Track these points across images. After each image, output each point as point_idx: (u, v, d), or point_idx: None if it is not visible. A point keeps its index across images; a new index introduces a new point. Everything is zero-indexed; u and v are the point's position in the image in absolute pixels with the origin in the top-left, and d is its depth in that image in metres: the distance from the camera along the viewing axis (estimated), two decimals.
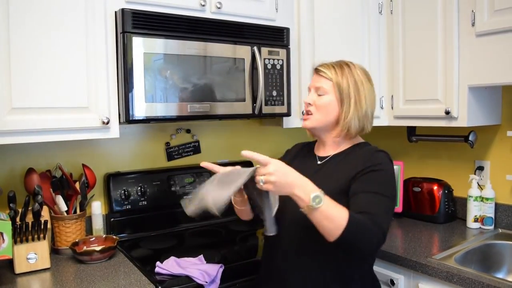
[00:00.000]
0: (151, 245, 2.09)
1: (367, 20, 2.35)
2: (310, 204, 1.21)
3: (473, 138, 2.24)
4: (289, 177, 1.26)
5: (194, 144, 2.47)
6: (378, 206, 1.32)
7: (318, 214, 1.22)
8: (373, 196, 1.34)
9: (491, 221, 2.16)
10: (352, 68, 1.52)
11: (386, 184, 1.39)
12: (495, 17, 1.85)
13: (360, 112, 1.49)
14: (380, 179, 1.38)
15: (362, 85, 1.50)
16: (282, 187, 1.25)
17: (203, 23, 1.93)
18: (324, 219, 1.23)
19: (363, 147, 1.52)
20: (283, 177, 1.24)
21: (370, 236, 1.26)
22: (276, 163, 1.27)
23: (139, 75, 1.77)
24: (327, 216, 1.22)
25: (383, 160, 1.42)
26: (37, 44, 1.62)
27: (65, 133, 1.71)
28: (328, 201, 1.24)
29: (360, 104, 1.49)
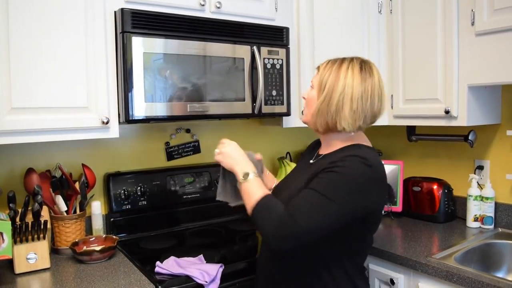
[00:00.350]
0: (151, 245, 2.09)
1: (366, 19, 2.35)
2: (240, 178, 1.44)
3: (473, 137, 2.24)
4: (234, 154, 1.52)
5: (194, 143, 2.47)
6: (307, 202, 1.26)
7: (243, 188, 1.42)
8: (310, 193, 1.28)
9: (491, 221, 2.16)
10: (344, 62, 1.41)
11: (335, 186, 1.27)
12: (495, 17, 1.84)
13: (328, 108, 1.38)
14: (329, 180, 1.28)
15: (344, 79, 1.37)
16: (226, 160, 1.52)
17: (202, 23, 1.93)
18: (244, 194, 1.41)
19: (350, 149, 1.40)
20: (230, 152, 1.53)
21: (272, 225, 1.27)
22: (231, 143, 1.57)
23: (138, 75, 1.77)
24: (247, 192, 1.40)
25: (348, 164, 1.30)
26: (36, 44, 1.62)
27: (65, 133, 1.71)
28: (255, 182, 1.41)
29: (330, 99, 1.37)
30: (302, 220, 1.24)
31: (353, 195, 1.28)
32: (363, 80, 1.37)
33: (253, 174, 1.42)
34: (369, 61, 1.45)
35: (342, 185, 1.27)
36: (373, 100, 1.38)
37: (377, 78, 1.41)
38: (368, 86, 1.37)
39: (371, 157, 1.34)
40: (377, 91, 1.40)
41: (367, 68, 1.40)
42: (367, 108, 1.38)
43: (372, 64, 1.44)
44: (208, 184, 2.38)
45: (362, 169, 1.29)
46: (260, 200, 1.34)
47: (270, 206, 1.32)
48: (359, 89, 1.36)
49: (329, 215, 1.26)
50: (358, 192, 1.28)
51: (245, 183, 1.41)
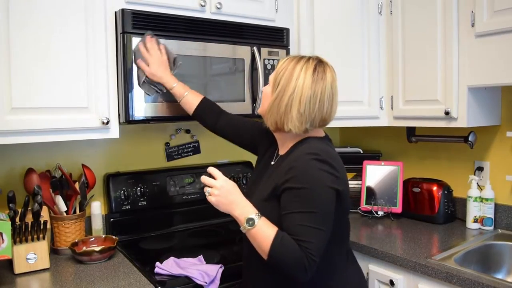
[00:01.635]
0: (150, 245, 2.09)
1: (366, 20, 2.35)
2: (244, 225, 1.32)
3: (472, 138, 2.24)
4: (230, 196, 1.36)
5: (194, 144, 2.47)
6: (303, 227, 1.27)
7: (250, 235, 1.33)
8: (297, 217, 1.29)
9: (491, 222, 2.16)
10: (300, 62, 1.39)
11: (306, 200, 1.29)
12: (495, 18, 1.85)
13: (278, 108, 1.38)
14: (298, 197, 1.30)
15: (296, 80, 1.35)
16: (222, 204, 1.36)
17: (203, 24, 1.94)
18: (254, 242, 1.33)
19: (298, 147, 1.41)
20: (225, 194, 1.35)
21: (295, 263, 1.26)
22: (224, 181, 1.37)
23: None
24: (255, 240, 1.32)
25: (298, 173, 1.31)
26: (37, 44, 1.62)
27: (65, 133, 1.72)
28: (261, 224, 1.31)
29: (281, 99, 1.37)
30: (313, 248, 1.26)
31: (321, 194, 1.30)
32: (314, 82, 1.36)
33: (257, 217, 1.32)
34: (326, 63, 1.43)
35: (313, 195, 1.29)
36: (322, 104, 1.37)
37: (329, 81, 1.38)
38: (318, 89, 1.36)
39: (319, 151, 1.34)
40: (328, 95, 1.38)
41: (321, 70, 1.38)
42: (315, 112, 1.37)
43: (328, 66, 1.42)
44: None
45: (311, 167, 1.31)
46: (273, 244, 1.28)
47: (285, 249, 1.27)
48: (309, 92, 1.35)
49: (324, 226, 1.30)
50: (326, 191, 1.31)
51: (252, 230, 1.31)
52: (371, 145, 2.83)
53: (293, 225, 1.29)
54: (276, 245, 1.27)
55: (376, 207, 2.43)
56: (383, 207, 2.43)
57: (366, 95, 2.39)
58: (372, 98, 2.39)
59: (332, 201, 1.33)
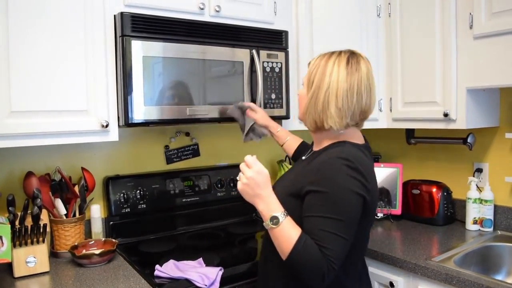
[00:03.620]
0: (150, 248, 2.09)
1: (365, 23, 2.36)
2: (267, 222, 1.28)
3: (471, 140, 2.25)
4: (257, 189, 1.30)
5: (193, 147, 2.47)
6: (327, 232, 1.23)
7: (273, 233, 1.28)
8: (320, 221, 1.24)
9: (490, 223, 2.16)
10: (332, 56, 1.35)
11: (333, 205, 1.24)
12: (493, 20, 1.85)
13: (315, 107, 1.34)
14: (323, 201, 1.25)
15: (330, 75, 1.32)
16: (247, 193, 1.31)
17: (202, 27, 1.94)
18: (276, 241, 1.28)
19: (331, 149, 1.36)
20: (253, 185, 1.30)
21: (314, 269, 1.22)
22: (256, 172, 1.30)
23: (138, 79, 1.78)
24: (277, 239, 1.27)
25: (325, 175, 1.27)
26: (36, 48, 1.62)
27: (64, 137, 1.72)
28: (285, 224, 1.26)
29: (317, 97, 1.33)
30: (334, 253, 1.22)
31: (351, 200, 1.26)
32: (349, 75, 1.32)
33: (282, 216, 1.27)
34: (358, 54, 1.38)
35: (338, 200, 1.25)
36: (360, 96, 1.33)
37: (365, 72, 1.34)
38: (354, 81, 1.32)
39: (352, 157, 1.28)
40: (365, 86, 1.33)
41: (354, 61, 1.34)
42: (354, 105, 1.33)
43: (361, 57, 1.37)
44: (208, 188, 2.39)
45: (346, 175, 1.25)
46: (295, 246, 1.23)
47: (306, 253, 1.22)
48: (344, 85, 1.31)
49: (347, 233, 1.25)
50: (353, 198, 1.26)
51: (276, 229, 1.27)
52: (370, 147, 2.83)
53: (316, 229, 1.24)
54: (299, 248, 1.22)
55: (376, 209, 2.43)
56: (382, 209, 2.43)
57: None
58: None
59: (358, 208, 1.27)
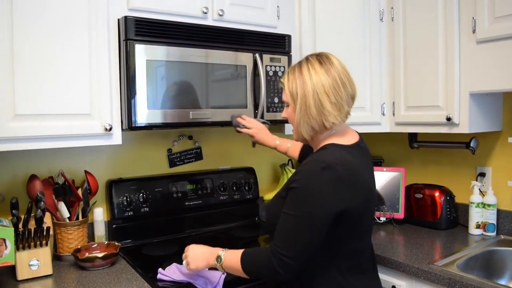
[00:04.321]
0: (153, 251, 2.09)
1: (368, 27, 2.36)
2: (217, 265, 1.47)
3: (474, 144, 2.24)
4: (197, 252, 1.55)
5: (196, 150, 2.47)
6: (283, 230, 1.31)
7: (226, 268, 1.46)
8: (282, 219, 1.32)
9: (493, 228, 2.16)
10: (303, 64, 1.40)
11: (296, 202, 1.29)
12: (496, 24, 1.85)
13: (308, 114, 1.37)
14: (290, 198, 1.31)
15: (310, 79, 1.36)
16: (196, 262, 1.53)
17: (205, 31, 1.95)
18: (231, 270, 1.45)
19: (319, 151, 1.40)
20: (193, 254, 1.56)
21: (266, 269, 1.33)
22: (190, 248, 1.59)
23: (141, 82, 1.79)
24: (231, 267, 1.44)
25: (303, 175, 1.30)
26: (40, 51, 1.63)
27: (68, 140, 1.72)
28: (228, 254, 1.45)
29: (306, 105, 1.37)
30: (286, 249, 1.29)
31: (313, 203, 1.27)
32: (327, 71, 1.36)
33: (222, 252, 1.47)
34: (324, 52, 1.43)
35: (301, 198, 1.29)
36: (344, 85, 1.37)
37: (338, 64, 1.39)
38: (334, 75, 1.36)
39: (329, 159, 1.30)
40: (344, 75, 1.38)
41: (325, 59, 1.39)
42: (343, 94, 1.37)
43: (328, 54, 1.43)
44: (210, 191, 2.39)
45: (315, 175, 1.28)
46: (242, 261, 1.39)
47: (253, 257, 1.40)
48: (328, 81, 1.35)
49: (304, 232, 1.28)
50: (316, 199, 1.27)
51: (223, 264, 1.45)
52: (373, 151, 2.82)
53: (278, 228, 1.33)
54: (244, 259, 1.40)
55: (379, 213, 2.43)
56: (385, 213, 2.43)
57: (368, 101, 2.39)
58: (374, 104, 2.39)
59: (323, 209, 1.27)
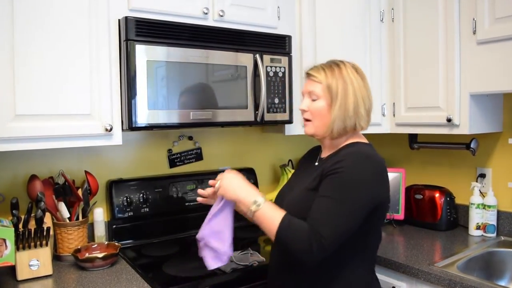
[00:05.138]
0: (153, 252, 2.09)
1: (368, 28, 2.36)
2: (251, 208, 1.37)
3: (474, 145, 2.24)
4: (234, 181, 1.45)
5: (196, 151, 2.47)
6: (323, 211, 1.31)
7: (257, 217, 1.37)
8: (323, 201, 1.32)
9: (493, 229, 2.16)
10: (342, 67, 1.48)
11: (341, 187, 1.32)
12: (496, 25, 1.86)
13: (346, 113, 1.44)
14: (335, 183, 1.33)
15: (351, 84, 1.45)
16: (227, 190, 1.44)
17: (205, 31, 1.95)
18: (261, 223, 1.37)
19: (349, 147, 1.46)
20: (228, 181, 1.45)
21: (301, 243, 1.28)
22: (228, 173, 1.48)
23: (142, 83, 1.79)
24: (262, 221, 1.36)
25: (347, 163, 1.35)
26: (41, 51, 1.63)
27: (68, 140, 1.72)
28: (267, 206, 1.37)
29: (346, 105, 1.44)
30: (326, 231, 1.27)
31: (359, 191, 1.33)
32: (363, 81, 1.49)
33: (262, 199, 1.38)
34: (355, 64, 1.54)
35: (347, 184, 1.32)
36: (371, 98, 1.51)
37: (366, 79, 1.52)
38: (367, 85, 1.50)
39: (368, 151, 1.41)
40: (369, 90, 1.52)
41: (359, 70, 1.50)
42: (371, 105, 1.51)
43: (358, 66, 1.54)
44: None
45: (361, 164, 1.36)
46: (282, 223, 1.32)
47: (294, 227, 1.31)
48: (365, 90, 1.48)
49: (346, 217, 1.31)
50: (362, 187, 1.33)
51: (259, 211, 1.36)
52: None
53: (317, 208, 1.32)
54: (285, 221, 1.31)
55: None
56: None
57: None
58: (374, 105, 2.38)
59: (365, 201, 1.34)
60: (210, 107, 1.96)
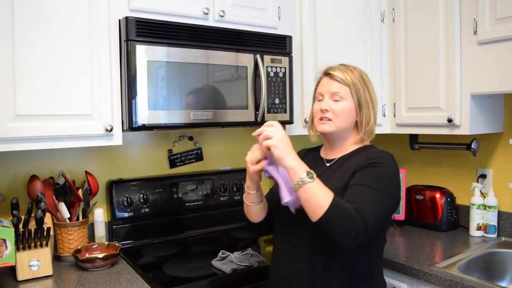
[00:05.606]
0: (153, 252, 2.09)
1: (369, 28, 2.36)
2: (302, 177, 1.27)
3: (475, 146, 2.24)
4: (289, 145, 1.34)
5: (197, 151, 2.47)
6: (365, 197, 1.32)
7: (307, 190, 1.28)
8: (363, 188, 1.34)
9: (494, 229, 2.15)
10: (358, 72, 1.54)
11: (380, 179, 1.37)
12: (497, 26, 1.85)
13: (369, 114, 1.52)
14: (375, 174, 1.38)
15: (372, 89, 1.54)
16: (283, 146, 1.31)
17: (206, 31, 1.95)
18: (311, 197, 1.27)
19: (369, 149, 1.52)
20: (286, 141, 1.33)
21: (350, 222, 1.25)
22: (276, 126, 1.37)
23: (142, 83, 1.79)
24: (314, 194, 1.27)
25: (384, 159, 1.43)
26: (41, 52, 1.63)
27: (69, 140, 1.72)
28: (318, 182, 1.30)
29: (375, 108, 1.54)
30: (370, 216, 1.28)
31: (393, 186, 1.42)
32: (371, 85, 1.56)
33: (314, 174, 1.30)
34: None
35: (386, 178, 1.40)
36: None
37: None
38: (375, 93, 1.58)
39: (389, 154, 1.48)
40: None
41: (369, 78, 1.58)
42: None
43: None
44: (211, 192, 2.39)
45: (393, 164, 1.45)
46: (334, 201, 1.26)
47: (341, 206, 1.27)
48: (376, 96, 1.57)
49: (385, 207, 1.38)
50: (395, 184, 1.43)
51: (312, 183, 1.28)
52: None
53: (358, 194, 1.33)
54: (336, 202, 1.26)
55: None
56: None
57: None
58: None
59: (396, 196, 1.44)
60: (211, 108, 1.96)
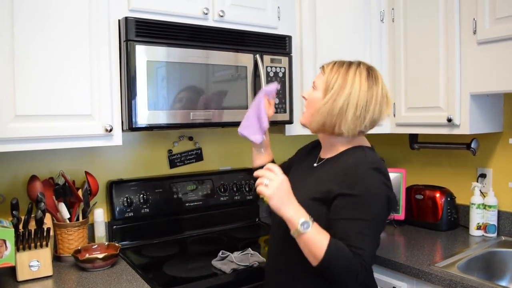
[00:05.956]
0: (153, 252, 2.09)
1: (369, 28, 2.36)
2: (297, 228, 1.26)
3: (475, 145, 2.24)
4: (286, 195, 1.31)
5: (197, 151, 2.47)
6: (356, 233, 1.28)
7: (302, 240, 1.27)
8: (350, 224, 1.29)
9: (494, 229, 2.15)
10: (352, 67, 1.41)
11: (364, 206, 1.30)
12: (497, 25, 1.85)
13: (329, 111, 1.38)
14: (356, 202, 1.30)
15: (351, 85, 1.37)
16: (278, 199, 1.30)
17: (205, 31, 1.95)
18: (307, 246, 1.27)
19: (352, 154, 1.42)
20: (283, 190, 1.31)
21: (349, 267, 1.25)
22: (284, 178, 1.33)
23: (142, 83, 1.78)
24: (310, 243, 1.27)
25: (361, 177, 1.33)
26: (41, 52, 1.63)
27: (68, 141, 1.72)
28: (315, 229, 1.28)
29: (334, 103, 1.37)
30: (365, 254, 1.27)
31: (381, 205, 1.33)
32: (369, 87, 1.39)
33: (311, 221, 1.28)
34: (375, 68, 1.46)
35: (368, 200, 1.31)
36: (375, 108, 1.40)
37: (381, 86, 1.41)
38: (373, 94, 1.39)
39: (376, 161, 1.38)
40: (380, 99, 1.40)
41: (373, 75, 1.41)
42: (369, 115, 1.39)
43: (377, 71, 1.45)
44: (211, 192, 2.39)
45: (373, 178, 1.33)
46: (329, 247, 1.25)
47: (340, 252, 1.26)
48: (365, 97, 1.38)
49: (377, 230, 1.35)
50: (382, 200, 1.34)
51: (306, 235, 1.26)
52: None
53: (349, 231, 1.29)
54: (332, 250, 1.25)
55: None
56: None
57: None
58: None
59: (386, 210, 1.36)
60: (211, 108, 1.96)
